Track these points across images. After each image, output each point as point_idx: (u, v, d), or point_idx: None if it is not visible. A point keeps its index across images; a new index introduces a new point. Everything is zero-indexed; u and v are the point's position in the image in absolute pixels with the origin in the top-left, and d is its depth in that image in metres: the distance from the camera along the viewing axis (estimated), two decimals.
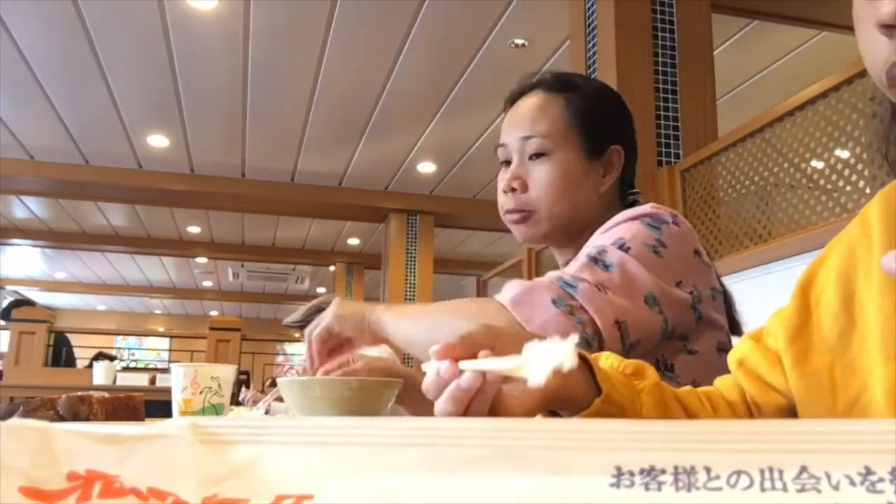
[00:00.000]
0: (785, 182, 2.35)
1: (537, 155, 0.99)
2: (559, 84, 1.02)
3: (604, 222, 0.96)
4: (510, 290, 0.81)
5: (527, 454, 0.23)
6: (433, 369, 0.47)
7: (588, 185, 0.99)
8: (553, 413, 0.54)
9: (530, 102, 1.01)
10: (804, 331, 0.57)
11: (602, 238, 0.88)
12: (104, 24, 3.87)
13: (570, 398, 0.52)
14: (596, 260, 0.83)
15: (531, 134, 0.99)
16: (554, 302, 0.78)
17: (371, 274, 8.92)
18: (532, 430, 0.24)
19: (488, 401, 0.47)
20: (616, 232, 0.87)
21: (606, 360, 0.58)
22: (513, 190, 0.99)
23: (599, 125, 1.00)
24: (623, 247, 0.84)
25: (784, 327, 0.59)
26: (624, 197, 1.05)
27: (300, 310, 2.86)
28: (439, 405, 0.47)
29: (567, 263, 1.10)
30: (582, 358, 0.52)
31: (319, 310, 3.11)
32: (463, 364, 0.45)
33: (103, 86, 4.56)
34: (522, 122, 1.00)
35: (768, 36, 3.89)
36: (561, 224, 0.99)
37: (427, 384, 0.48)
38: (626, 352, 0.79)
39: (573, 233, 0.99)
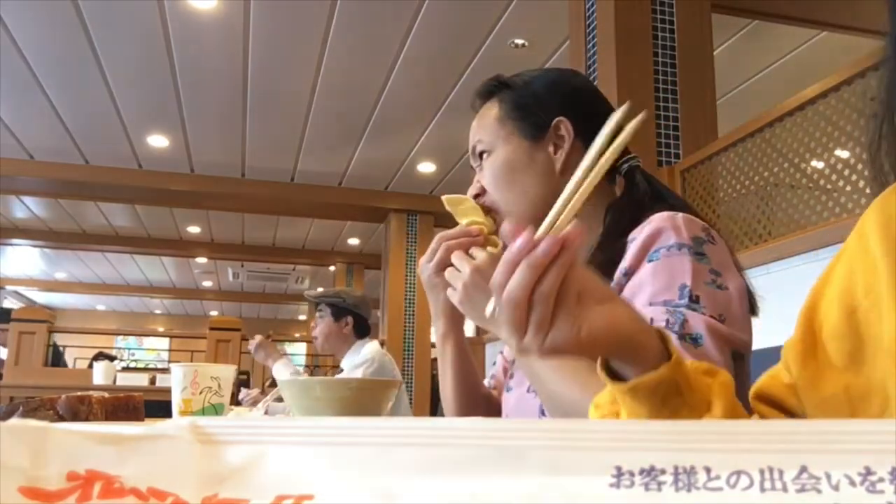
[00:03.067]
0: (785, 182, 2.35)
1: (484, 157, 1.01)
2: (489, 89, 1.05)
3: (585, 202, 0.91)
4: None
5: (527, 454, 0.23)
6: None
7: (535, 167, 0.97)
8: (613, 374, 0.53)
9: (477, 117, 1.05)
10: (813, 356, 0.56)
11: (653, 275, 0.81)
12: (104, 23, 3.87)
13: (639, 345, 0.51)
14: (683, 336, 0.76)
15: (474, 143, 1.03)
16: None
17: (371, 274, 8.92)
18: (532, 430, 0.24)
19: (561, 272, 0.48)
20: (667, 273, 0.80)
21: None
22: (476, 196, 1.00)
23: (534, 106, 0.99)
24: (692, 298, 0.78)
25: (793, 355, 0.57)
26: (610, 170, 0.99)
27: (323, 289, 2.94)
28: (515, 278, 0.49)
29: None
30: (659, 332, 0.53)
31: (336, 294, 3.14)
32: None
33: (103, 85, 4.56)
34: (471, 139, 1.04)
35: (768, 36, 3.89)
36: (522, 212, 0.96)
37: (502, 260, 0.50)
38: None
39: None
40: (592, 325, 0.49)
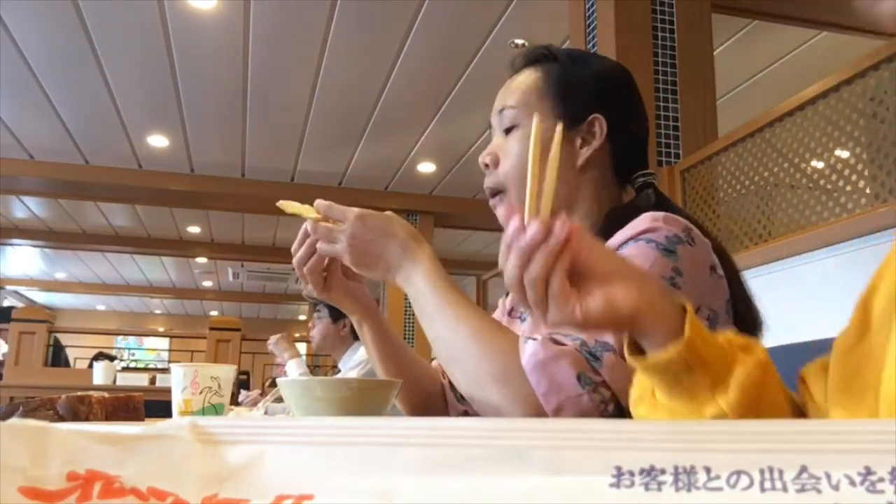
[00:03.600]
0: (785, 182, 2.35)
1: (510, 129, 0.95)
2: (536, 56, 0.99)
3: (592, 202, 0.93)
4: (534, 352, 0.74)
5: (527, 454, 0.23)
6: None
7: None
8: (635, 347, 0.54)
9: (513, 79, 0.99)
10: (860, 344, 0.52)
11: None
12: (104, 23, 3.87)
13: (645, 323, 0.52)
14: None
15: (502, 107, 0.97)
16: (579, 378, 0.72)
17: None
18: (532, 430, 0.24)
19: (549, 258, 0.51)
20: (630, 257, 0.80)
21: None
22: (486, 166, 0.97)
23: (577, 93, 0.94)
24: None
25: (838, 344, 0.54)
26: (625, 178, 0.99)
27: None
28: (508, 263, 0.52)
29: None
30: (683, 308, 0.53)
31: None
32: None
33: (103, 85, 4.56)
34: (500, 98, 0.98)
35: (768, 36, 3.89)
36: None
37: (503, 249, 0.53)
38: None
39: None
40: (589, 307, 0.51)
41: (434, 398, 1.10)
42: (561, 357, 0.72)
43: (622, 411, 0.73)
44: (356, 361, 2.82)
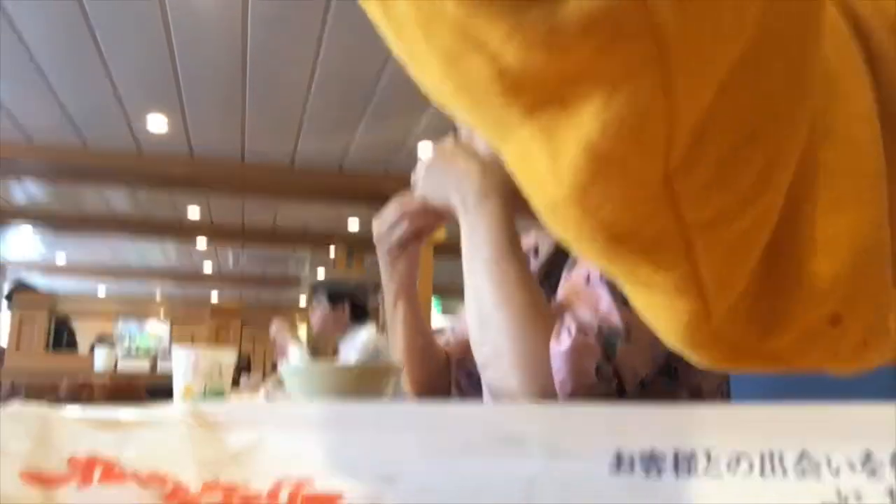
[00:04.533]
0: None
1: None
2: None
3: None
4: (564, 341, 0.72)
5: (527, 439, 0.23)
6: None
7: None
8: None
9: None
10: None
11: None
12: (102, 6, 3.84)
13: None
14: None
15: None
16: (598, 370, 0.72)
17: (371, 257, 8.91)
18: (532, 415, 0.24)
19: None
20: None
21: None
22: None
23: None
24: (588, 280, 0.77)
25: None
26: None
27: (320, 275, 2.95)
28: None
29: (533, 249, 1.08)
30: None
31: (334, 283, 3.15)
32: None
33: (102, 69, 4.54)
34: None
35: None
36: None
37: None
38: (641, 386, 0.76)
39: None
40: None
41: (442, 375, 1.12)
42: (587, 349, 0.72)
43: (625, 396, 0.73)
44: (357, 345, 2.83)
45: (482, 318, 0.78)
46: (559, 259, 0.93)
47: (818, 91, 0.32)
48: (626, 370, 0.72)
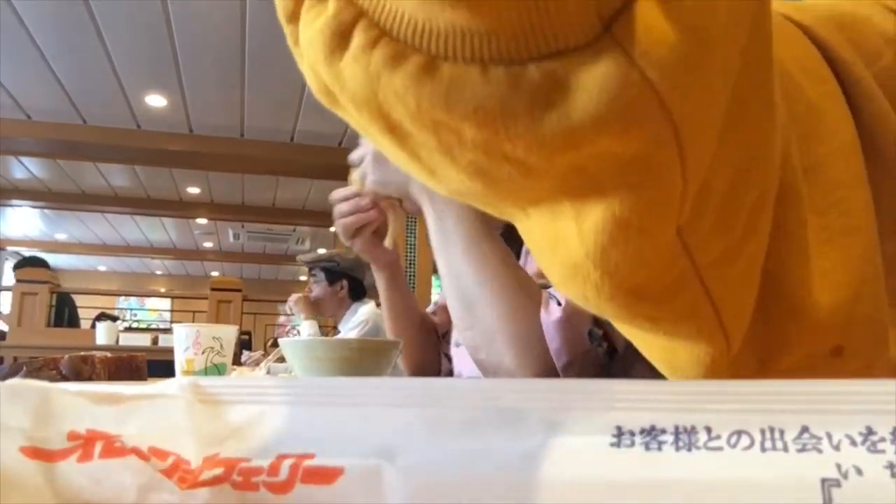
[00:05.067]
0: None
1: None
2: None
3: None
4: (554, 311, 0.71)
5: (527, 415, 0.23)
6: None
7: None
8: None
9: None
10: None
11: None
12: None
13: None
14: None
15: None
16: (590, 334, 0.72)
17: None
18: (532, 391, 0.24)
19: None
20: None
21: None
22: None
23: None
24: None
25: None
26: None
27: (317, 253, 2.92)
28: None
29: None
30: None
31: (330, 258, 3.09)
32: None
33: (100, 45, 4.51)
34: None
35: None
36: None
37: None
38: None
39: None
40: None
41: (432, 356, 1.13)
42: (577, 316, 0.71)
43: (615, 359, 0.73)
44: (356, 322, 2.83)
45: (467, 301, 0.76)
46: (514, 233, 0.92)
47: (798, 125, 0.34)
48: (615, 331, 0.72)
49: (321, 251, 2.92)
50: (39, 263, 6.99)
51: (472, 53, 0.22)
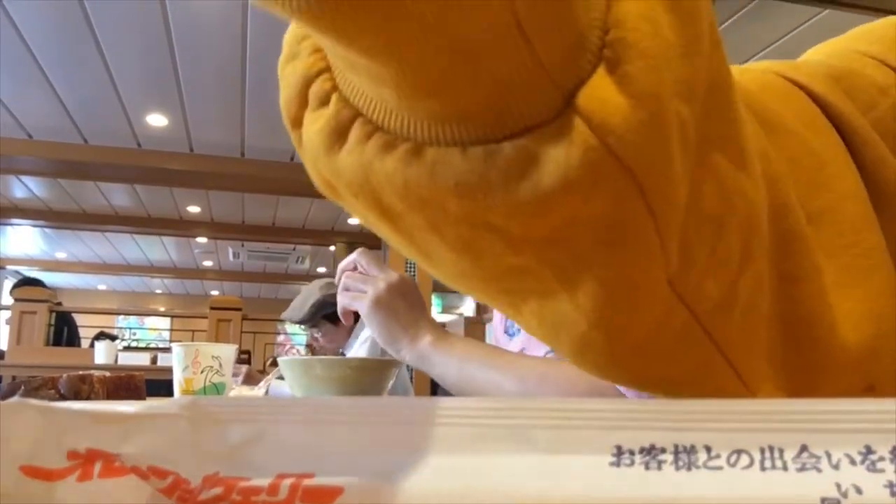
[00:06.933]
0: None
1: None
2: None
3: None
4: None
5: (527, 433, 0.23)
6: None
7: None
8: None
9: None
10: None
11: None
12: (102, 3, 3.84)
13: None
14: None
15: None
16: None
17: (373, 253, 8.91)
18: (532, 409, 0.24)
19: None
20: None
21: None
22: None
23: None
24: None
25: None
26: None
27: (303, 307, 2.78)
28: None
29: None
30: None
31: (324, 304, 2.93)
32: None
33: (101, 64, 4.53)
34: None
35: (770, 14, 3.86)
36: None
37: None
38: None
39: None
40: None
41: None
42: None
43: None
44: (361, 340, 2.81)
45: (521, 393, 0.77)
46: None
47: (785, 176, 0.36)
48: None
49: (308, 303, 2.77)
50: (36, 284, 6.98)
51: (452, 137, 0.24)
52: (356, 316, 2.98)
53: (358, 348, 2.76)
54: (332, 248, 9.44)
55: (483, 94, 0.23)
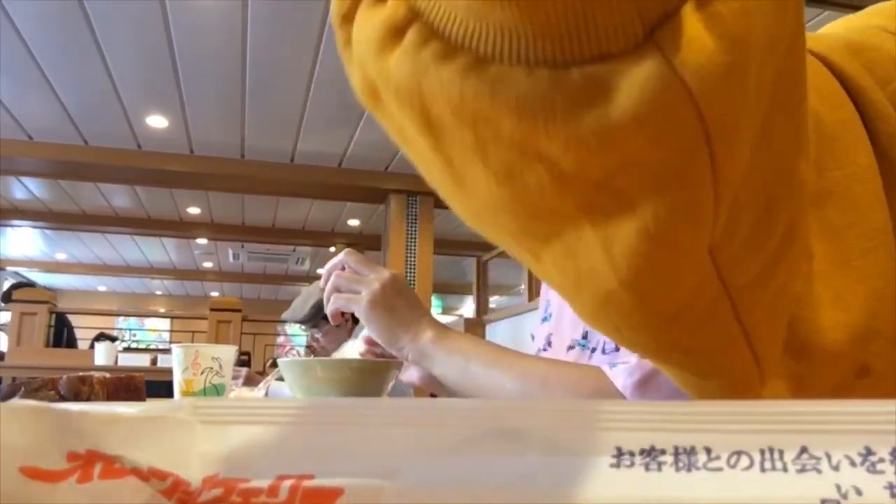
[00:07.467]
0: None
1: None
2: None
3: None
4: (632, 373, 0.65)
5: (527, 434, 0.23)
6: None
7: None
8: None
9: None
10: None
11: None
12: (103, 4, 3.84)
13: None
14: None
15: None
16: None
17: (371, 255, 8.92)
18: (532, 411, 0.24)
19: None
20: None
21: None
22: None
23: None
24: None
25: None
26: None
27: (304, 307, 2.78)
28: None
29: None
30: None
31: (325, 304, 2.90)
32: None
33: (102, 66, 4.53)
34: None
35: None
36: None
37: None
38: None
39: None
40: None
41: None
42: (654, 373, 0.65)
43: None
44: (358, 341, 2.80)
45: (523, 394, 0.73)
46: None
47: (813, 150, 0.35)
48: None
49: (308, 303, 2.76)
50: (28, 286, 6.97)
51: (519, 55, 0.22)
52: (355, 317, 2.94)
53: (355, 347, 2.74)
54: (333, 249, 9.44)
55: (563, 8, 0.21)
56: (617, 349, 0.72)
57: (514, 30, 0.22)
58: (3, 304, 6.55)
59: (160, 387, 1.51)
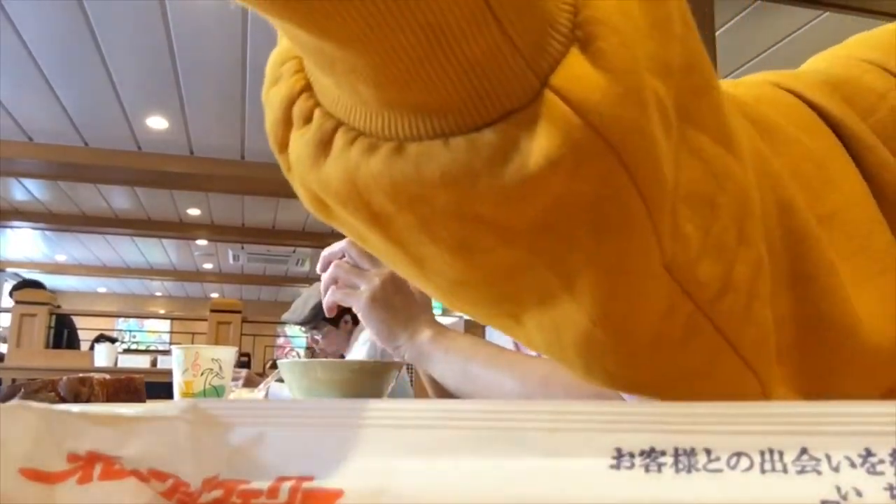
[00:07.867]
0: None
1: None
2: None
3: None
4: None
5: (527, 436, 0.23)
6: None
7: None
8: None
9: None
10: None
11: None
12: (102, 5, 3.84)
13: None
14: None
15: None
16: None
17: (371, 255, 8.91)
18: (531, 412, 0.24)
19: None
20: None
21: None
22: None
23: None
24: None
25: None
26: None
27: (304, 309, 2.78)
28: None
29: None
30: None
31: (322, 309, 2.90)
32: None
33: (102, 67, 4.54)
34: None
35: (771, 17, 3.86)
36: None
37: None
38: None
39: None
40: None
41: None
42: None
43: None
44: (361, 342, 2.80)
45: (523, 394, 0.75)
46: None
47: (788, 179, 0.36)
48: None
49: (308, 304, 2.76)
50: (36, 286, 6.98)
51: (433, 130, 0.24)
52: (354, 319, 2.92)
53: (358, 350, 2.75)
54: None
55: (459, 81, 0.23)
56: None
57: (423, 110, 0.24)
58: (12, 298, 6.55)
59: (160, 388, 1.52)
